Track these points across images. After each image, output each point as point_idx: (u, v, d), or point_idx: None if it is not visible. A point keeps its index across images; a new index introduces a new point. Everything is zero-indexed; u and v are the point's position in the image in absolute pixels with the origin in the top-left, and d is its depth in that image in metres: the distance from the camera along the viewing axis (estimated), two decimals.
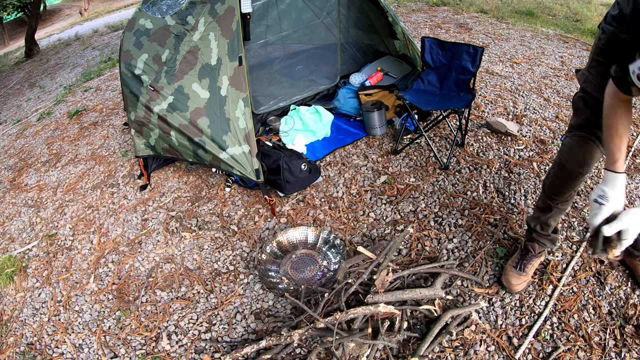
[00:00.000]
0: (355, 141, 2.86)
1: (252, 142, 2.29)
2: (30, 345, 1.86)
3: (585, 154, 1.41)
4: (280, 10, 2.83)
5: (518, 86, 3.32)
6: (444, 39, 3.12)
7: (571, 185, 1.50)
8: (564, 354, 1.51)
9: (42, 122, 4.13)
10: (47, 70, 6.35)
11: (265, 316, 1.81)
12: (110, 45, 6.84)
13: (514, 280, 1.72)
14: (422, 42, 2.64)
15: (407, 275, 1.78)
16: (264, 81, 3.07)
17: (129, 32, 2.62)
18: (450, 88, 2.64)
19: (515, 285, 1.72)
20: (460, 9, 5.57)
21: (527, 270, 1.73)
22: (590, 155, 1.41)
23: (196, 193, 2.60)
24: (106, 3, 15.18)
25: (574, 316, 1.63)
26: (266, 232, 2.24)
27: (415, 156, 2.64)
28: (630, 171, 2.30)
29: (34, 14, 7.60)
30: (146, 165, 2.71)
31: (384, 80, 3.12)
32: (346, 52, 3.34)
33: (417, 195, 2.33)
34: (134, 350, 1.75)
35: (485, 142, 2.67)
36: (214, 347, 1.71)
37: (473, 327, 1.63)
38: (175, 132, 2.36)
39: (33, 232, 2.57)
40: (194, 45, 2.27)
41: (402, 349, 1.58)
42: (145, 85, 2.40)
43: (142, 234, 2.35)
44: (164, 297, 1.96)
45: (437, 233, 2.07)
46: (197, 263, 2.12)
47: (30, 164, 3.36)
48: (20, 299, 2.12)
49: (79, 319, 1.94)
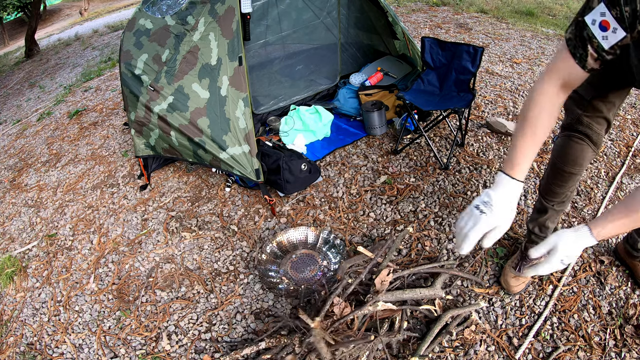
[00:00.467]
0: (355, 141, 2.86)
1: (252, 142, 2.29)
2: (30, 345, 1.86)
3: (576, 153, 1.40)
4: (280, 10, 2.83)
5: (518, 86, 3.32)
6: (444, 39, 3.12)
7: (565, 185, 1.49)
8: (564, 354, 1.51)
9: (42, 122, 4.13)
10: (47, 70, 6.35)
11: (265, 316, 1.81)
12: (110, 45, 6.84)
13: (512, 282, 1.72)
14: (422, 42, 2.64)
15: (407, 275, 1.77)
16: (264, 81, 3.07)
17: (129, 32, 2.62)
18: (450, 88, 2.64)
19: (513, 286, 1.72)
20: (460, 9, 5.58)
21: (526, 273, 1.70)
22: (581, 154, 1.40)
23: (196, 193, 2.60)
24: (106, 3, 15.18)
25: (574, 316, 1.63)
26: (266, 232, 2.24)
27: (415, 156, 2.64)
28: (631, 171, 2.31)
29: (34, 14, 7.61)
30: (146, 165, 2.71)
31: (384, 80, 3.12)
32: (346, 52, 3.34)
33: (417, 195, 2.33)
34: (134, 350, 1.75)
35: (485, 142, 2.67)
36: (214, 347, 1.71)
37: (473, 327, 1.63)
38: (175, 132, 2.36)
39: (33, 232, 2.57)
40: (194, 45, 2.27)
41: (402, 349, 1.58)
42: (145, 85, 2.40)
43: (142, 234, 2.35)
44: (164, 297, 1.96)
45: (437, 233, 2.07)
46: (197, 263, 2.12)
47: (30, 164, 3.36)
48: (20, 299, 2.12)
49: (79, 319, 1.94)
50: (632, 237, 1.66)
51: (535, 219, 1.66)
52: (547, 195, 1.55)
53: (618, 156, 2.43)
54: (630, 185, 2.21)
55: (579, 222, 2.02)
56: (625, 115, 2.81)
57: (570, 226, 2.00)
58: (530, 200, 2.17)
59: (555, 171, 1.47)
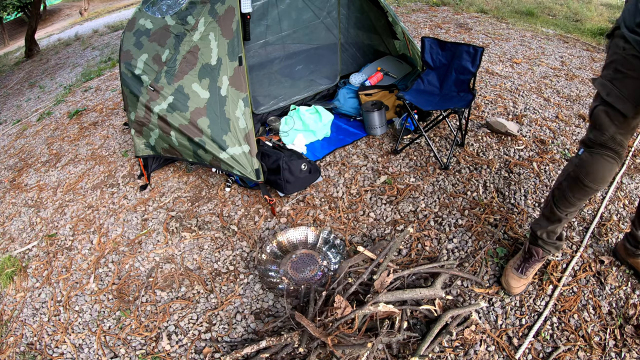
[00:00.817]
0: (355, 141, 2.86)
1: (252, 142, 2.29)
2: (30, 345, 1.86)
3: (606, 172, 1.35)
4: (280, 10, 2.83)
5: (518, 86, 3.32)
6: (444, 39, 3.12)
7: (585, 199, 1.46)
8: (564, 354, 1.51)
9: (42, 122, 4.13)
10: (47, 70, 6.35)
11: (265, 316, 1.81)
12: (110, 45, 6.84)
13: (513, 283, 1.71)
14: (422, 42, 2.64)
15: (407, 275, 1.78)
16: (264, 81, 3.07)
17: (129, 32, 2.62)
18: (450, 88, 2.64)
19: (514, 288, 1.71)
20: (460, 9, 5.58)
21: (528, 273, 1.71)
22: (610, 173, 1.35)
23: (196, 193, 2.60)
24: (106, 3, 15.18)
25: (574, 316, 1.63)
26: (266, 232, 2.24)
27: (415, 156, 2.64)
28: (631, 171, 2.31)
29: (34, 14, 7.61)
30: (146, 165, 2.71)
31: (384, 80, 3.12)
32: (346, 52, 3.34)
33: (417, 195, 2.33)
34: (134, 350, 1.75)
35: (485, 142, 2.67)
36: (214, 347, 1.71)
37: (473, 327, 1.63)
38: (175, 132, 2.36)
39: (33, 232, 2.57)
40: (194, 45, 2.27)
41: (402, 349, 1.58)
42: (145, 85, 2.40)
43: (142, 234, 2.35)
44: (164, 297, 1.96)
45: (437, 233, 2.07)
46: (197, 263, 2.12)
47: (30, 164, 3.36)
48: (20, 299, 2.12)
49: (79, 319, 1.94)
50: (632, 233, 1.66)
51: (544, 226, 1.62)
52: (562, 206, 1.51)
53: None
54: (630, 185, 2.21)
55: (578, 222, 2.02)
56: None
57: (571, 226, 2.00)
58: (530, 200, 2.17)
59: (579, 186, 1.42)
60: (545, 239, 1.65)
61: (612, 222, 2.00)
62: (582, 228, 1.99)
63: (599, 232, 1.96)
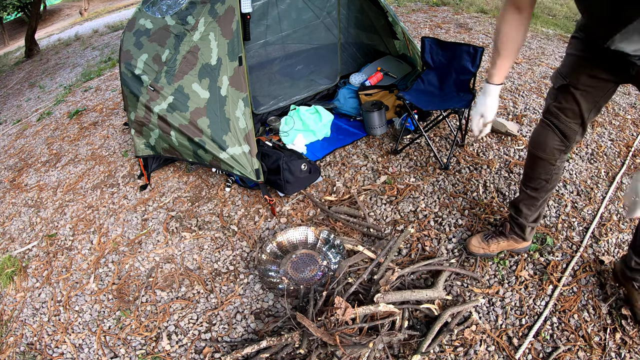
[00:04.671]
0: (355, 141, 2.86)
1: (252, 142, 2.29)
2: (30, 345, 1.86)
3: (541, 138, 1.50)
4: (280, 10, 2.83)
5: (518, 86, 3.32)
6: (444, 39, 3.12)
7: (535, 170, 1.58)
8: (564, 354, 1.51)
9: (42, 122, 4.13)
10: (47, 70, 6.35)
11: (265, 316, 1.81)
12: (110, 45, 6.84)
13: (474, 242, 1.86)
14: (422, 42, 2.64)
15: (407, 274, 1.78)
16: (264, 81, 3.07)
17: (129, 32, 2.62)
18: (450, 88, 2.64)
19: (472, 245, 1.85)
20: (460, 9, 5.57)
21: (490, 243, 1.82)
22: (545, 140, 1.49)
23: (196, 193, 2.60)
24: (106, 3, 15.18)
25: (574, 316, 1.63)
26: (266, 232, 2.24)
27: (415, 156, 2.64)
28: (631, 171, 2.31)
29: (34, 14, 7.60)
30: (146, 165, 2.71)
31: (384, 80, 3.12)
32: (346, 52, 3.34)
33: (417, 195, 2.33)
34: (134, 350, 1.75)
35: (485, 142, 2.67)
36: (214, 347, 1.71)
37: (473, 327, 1.63)
38: (175, 132, 2.36)
39: (33, 232, 2.57)
40: (194, 45, 2.27)
41: (402, 349, 1.58)
42: (145, 85, 2.40)
43: (142, 234, 2.35)
44: (164, 297, 1.96)
45: (437, 233, 2.07)
46: (197, 263, 2.12)
47: (30, 164, 3.36)
48: (20, 299, 2.12)
49: (79, 319, 1.94)
50: (628, 255, 1.55)
51: (512, 200, 1.79)
52: (523, 178, 1.67)
53: (618, 156, 2.43)
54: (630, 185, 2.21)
55: (579, 222, 2.02)
56: (625, 115, 2.81)
57: (571, 226, 2.00)
58: None
59: (528, 153, 1.60)
60: (512, 214, 1.77)
61: (612, 222, 2.00)
62: (582, 228, 1.99)
63: (599, 232, 1.96)
